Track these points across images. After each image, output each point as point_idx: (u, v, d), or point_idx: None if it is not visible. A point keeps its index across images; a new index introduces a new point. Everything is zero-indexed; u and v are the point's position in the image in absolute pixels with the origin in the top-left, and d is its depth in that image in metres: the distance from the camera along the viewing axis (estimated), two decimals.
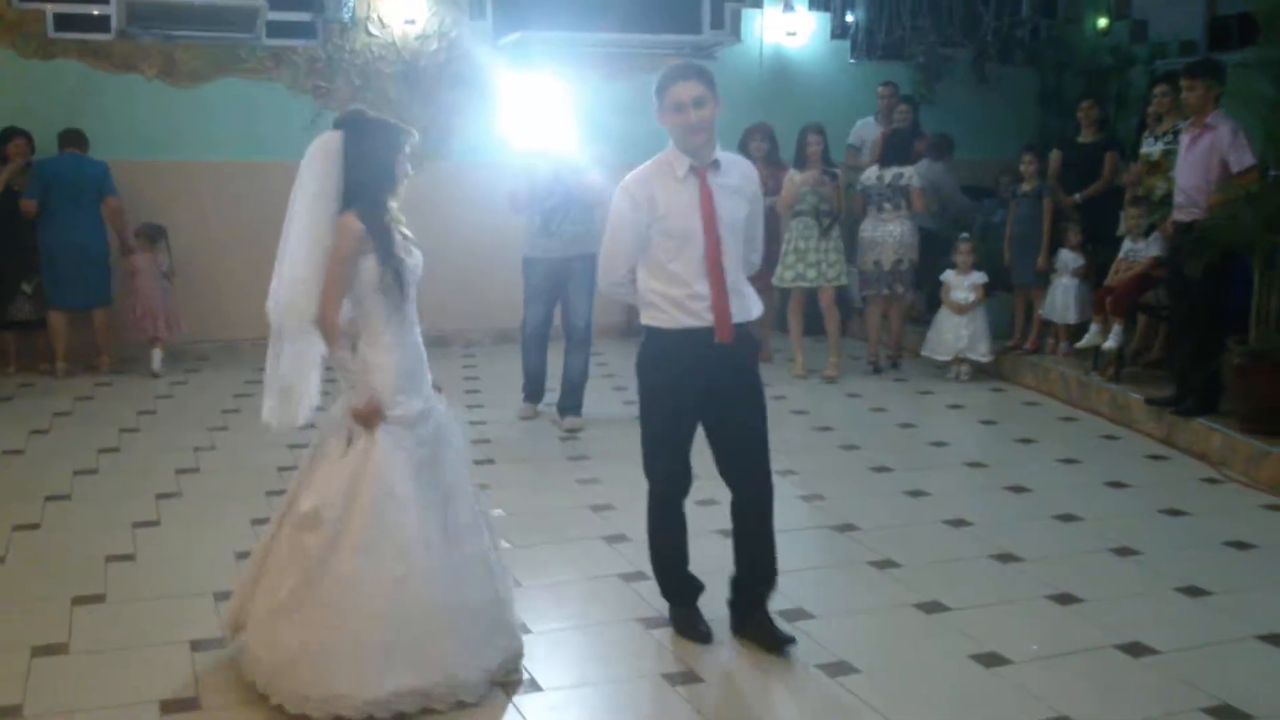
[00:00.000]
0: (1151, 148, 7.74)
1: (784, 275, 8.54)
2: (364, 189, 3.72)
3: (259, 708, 3.70)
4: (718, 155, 4.04)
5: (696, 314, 3.98)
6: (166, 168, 8.98)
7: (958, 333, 8.58)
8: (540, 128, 7.22)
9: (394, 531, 3.61)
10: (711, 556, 4.47)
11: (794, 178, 8.36)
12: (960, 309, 8.56)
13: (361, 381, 3.71)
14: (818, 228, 8.42)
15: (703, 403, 4.08)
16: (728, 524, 4.28)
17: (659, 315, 4.04)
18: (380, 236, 3.70)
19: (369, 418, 3.68)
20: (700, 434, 4.16)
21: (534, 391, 7.51)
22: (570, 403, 7.27)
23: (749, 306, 4.09)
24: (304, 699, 3.55)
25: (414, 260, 3.84)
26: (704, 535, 4.65)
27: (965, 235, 8.84)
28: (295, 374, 3.80)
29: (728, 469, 4.18)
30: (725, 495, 4.24)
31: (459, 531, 3.78)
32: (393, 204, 3.81)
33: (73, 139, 8.38)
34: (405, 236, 3.86)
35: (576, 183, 6.92)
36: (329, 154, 3.74)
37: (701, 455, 4.17)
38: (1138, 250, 7.61)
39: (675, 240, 3.98)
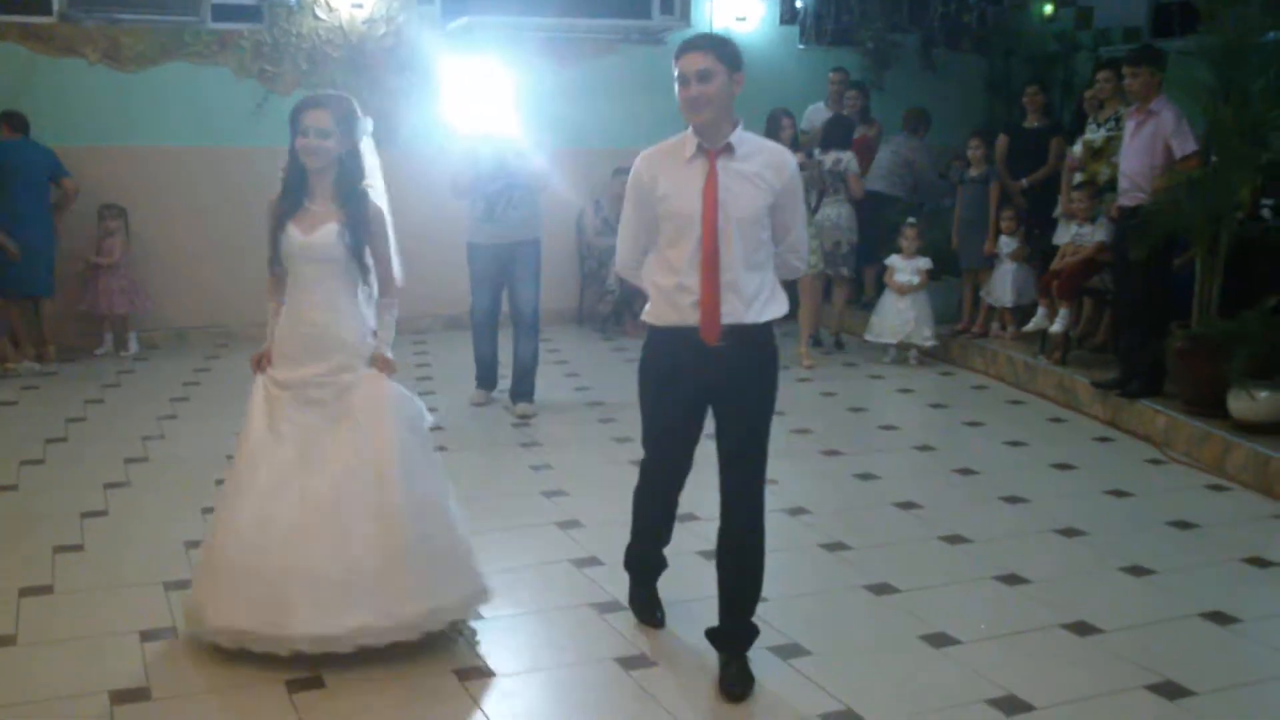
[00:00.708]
0: (1094, 134, 7.85)
1: None
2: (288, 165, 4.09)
3: (210, 697, 3.69)
4: (735, 138, 3.68)
5: (681, 310, 3.70)
6: (112, 153, 8.84)
7: (902, 316, 8.63)
8: (485, 113, 7.16)
9: (244, 476, 3.95)
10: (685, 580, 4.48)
11: None
12: (903, 290, 8.60)
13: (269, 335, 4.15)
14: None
15: (703, 405, 3.88)
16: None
17: (651, 309, 3.84)
18: (279, 207, 4.06)
19: (252, 361, 4.15)
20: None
21: (485, 378, 7.48)
22: (522, 389, 7.26)
23: (753, 308, 3.72)
24: (213, 632, 3.92)
25: (311, 238, 4.01)
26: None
27: (911, 220, 8.91)
28: None
29: (721, 487, 3.91)
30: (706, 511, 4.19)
31: (323, 497, 3.90)
32: (318, 182, 4.04)
33: (13, 122, 8.22)
34: (351, 214, 4.05)
35: (520, 167, 6.91)
36: None
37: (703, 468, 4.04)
38: (1084, 235, 7.71)
39: (675, 225, 3.70)
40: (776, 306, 3.79)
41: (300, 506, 3.88)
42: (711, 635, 3.95)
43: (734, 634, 3.90)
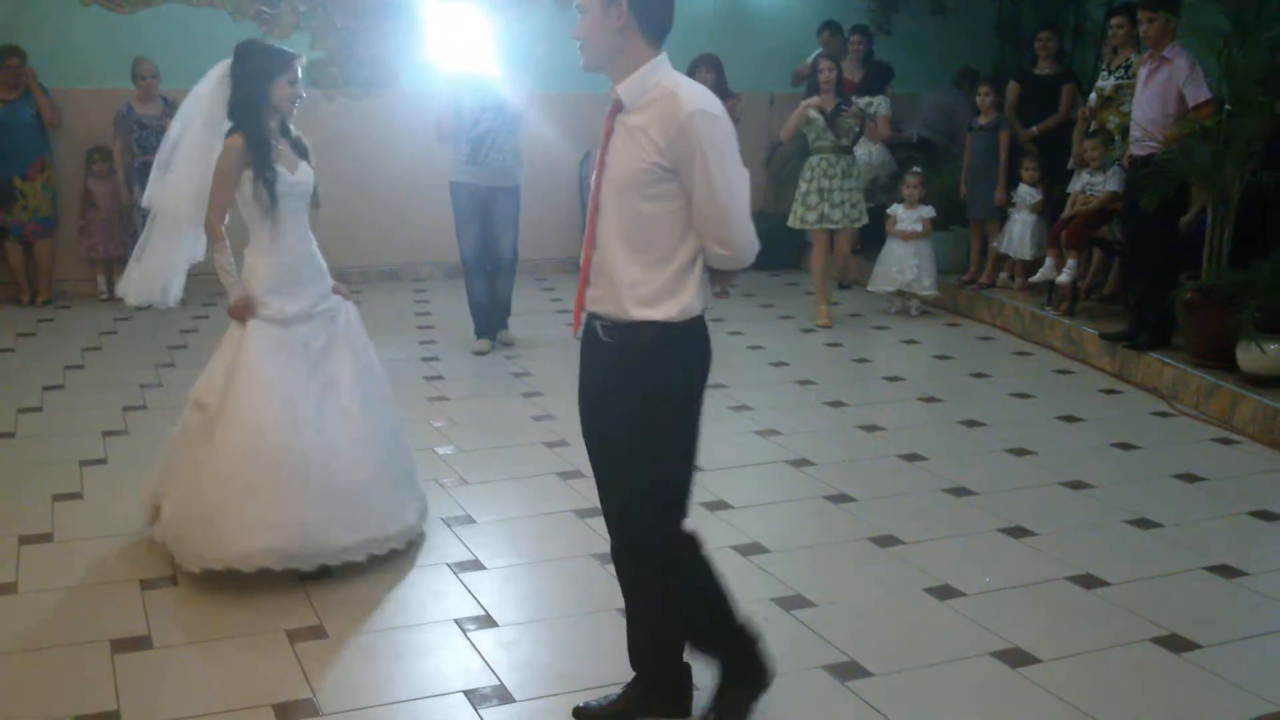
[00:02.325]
0: (1105, 81, 7.71)
1: (805, 216, 8.22)
2: (239, 108, 4.17)
3: (212, 645, 3.67)
4: (623, 87, 2.91)
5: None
6: (106, 96, 8.72)
7: (903, 264, 8.50)
8: (469, 55, 7.15)
9: (254, 413, 4.06)
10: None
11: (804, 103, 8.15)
12: (906, 237, 8.46)
13: (237, 281, 4.22)
14: (841, 163, 8.14)
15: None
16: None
17: None
18: (257, 151, 4.13)
19: (239, 312, 4.19)
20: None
21: (484, 325, 7.45)
22: (500, 321, 7.49)
23: (627, 299, 2.93)
24: (195, 557, 4.04)
25: (297, 176, 4.25)
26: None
27: (916, 169, 8.78)
28: (157, 262, 4.35)
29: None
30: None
31: (350, 413, 4.21)
32: (273, 124, 4.22)
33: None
34: (302, 154, 4.32)
35: (503, 107, 6.99)
36: (220, 77, 4.22)
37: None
38: (1096, 184, 7.60)
39: None
40: (667, 306, 2.93)
41: (333, 426, 4.16)
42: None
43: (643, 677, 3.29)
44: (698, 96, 2.85)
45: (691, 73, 8.42)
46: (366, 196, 9.02)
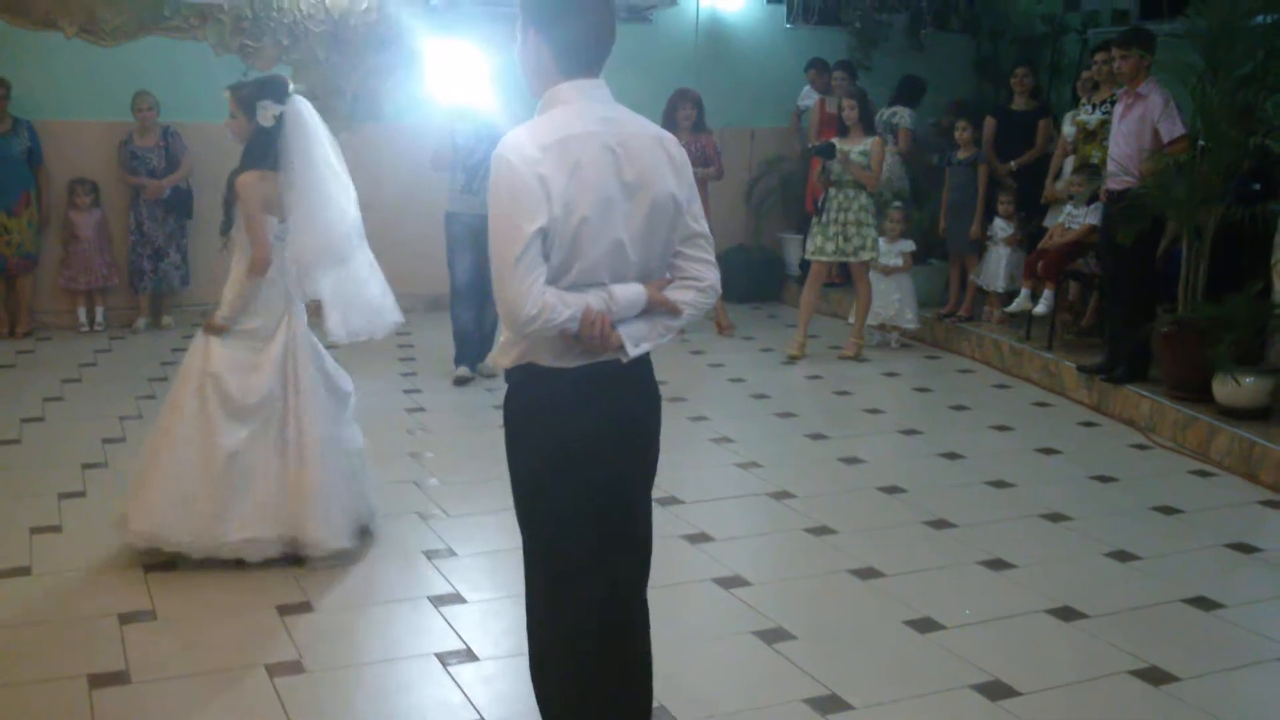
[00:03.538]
0: (1089, 116, 7.78)
1: (807, 245, 8.31)
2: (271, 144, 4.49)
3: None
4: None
5: None
6: (89, 128, 8.72)
7: (886, 299, 8.54)
8: (465, 89, 7.24)
9: (198, 409, 4.41)
10: None
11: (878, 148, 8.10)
12: (887, 271, 8.50)
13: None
14: (838, 198, 8.10)
15: None
16: None
17: None
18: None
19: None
20: None
21: (464, 353, 7.45)
22: (483, 351, 7.46)
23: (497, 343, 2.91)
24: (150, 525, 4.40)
25: None
26: None
27: (898, 204, 8.84)
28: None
29: None
30: None
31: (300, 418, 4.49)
32: None
33: None
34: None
35: (497, 133, 6.94)
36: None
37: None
38: (1077, 216, 7.68)
39: None
40: (508, 352, 2.83)
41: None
42: None
43: None
44: (510, 136, 2.65)
45: (671, 108, 8.49)
46: None
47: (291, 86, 4.59)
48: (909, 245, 8.58)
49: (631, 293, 2.66)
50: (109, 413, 6.55)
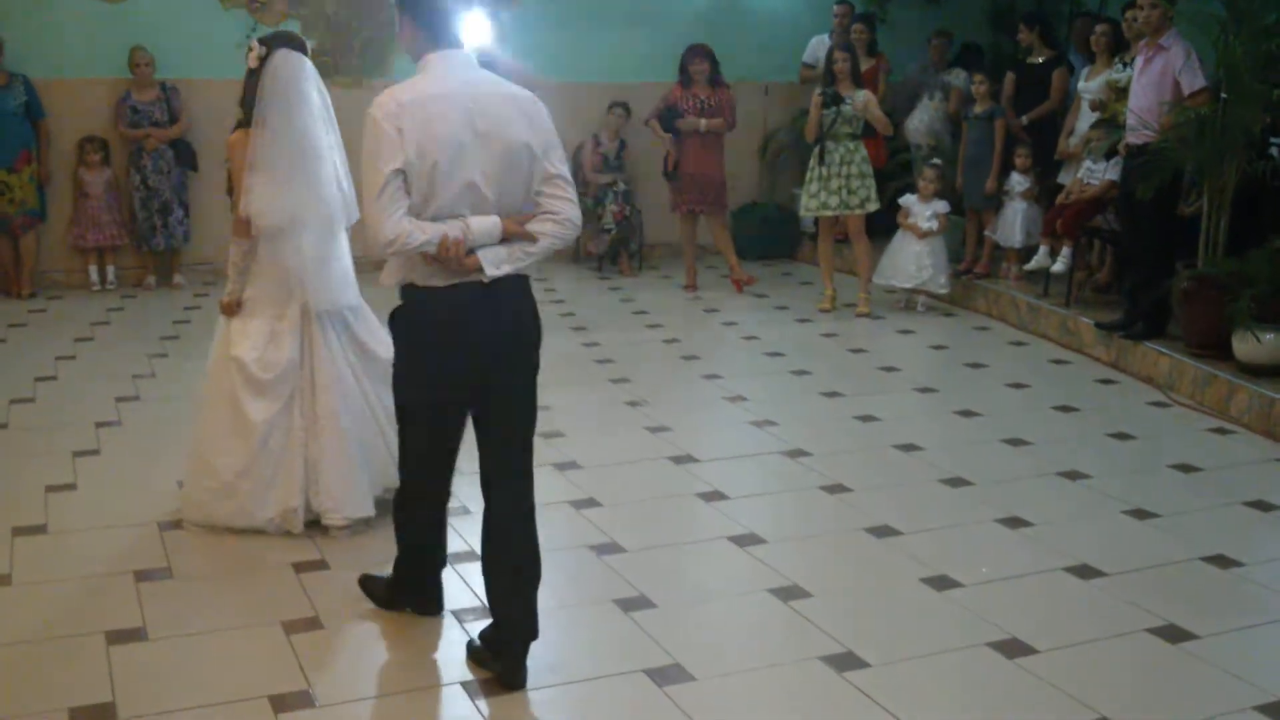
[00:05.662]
0: (1119, 74, 7.59)
1: (808, 204, 8.26)
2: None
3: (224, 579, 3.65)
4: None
5: None
6: (96, 85, 8.66)
7: (919, 262, 8.33)
8: (468, 45, 7.17)
9: (229, 398, 4.41)
10: None
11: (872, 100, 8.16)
12: (923, 235, 8.34)
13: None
14: (839, 150, 8.05)
15: None
16: None
17: None
18: None
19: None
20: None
21: None
22: None
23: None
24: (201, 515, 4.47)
25: None
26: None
27: (935, 161, 8.68)
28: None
29: None
30: None
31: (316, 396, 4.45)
32: None
33: None
34: None
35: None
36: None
37: None
38: (1096, 171, 7.57)
39: None
40: (391, 273, 3.42)
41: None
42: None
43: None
44: (379, 96, 3.22)
45: (685, 63, 8.41)
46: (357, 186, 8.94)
47: (310, 48, 4.49)
48: (943, 206, 8.37)
49: (488, 224, 3.22)
50: (122, 371, 6.55)
